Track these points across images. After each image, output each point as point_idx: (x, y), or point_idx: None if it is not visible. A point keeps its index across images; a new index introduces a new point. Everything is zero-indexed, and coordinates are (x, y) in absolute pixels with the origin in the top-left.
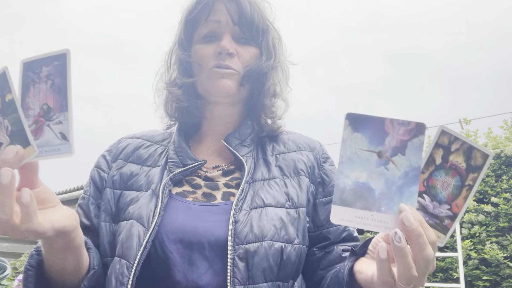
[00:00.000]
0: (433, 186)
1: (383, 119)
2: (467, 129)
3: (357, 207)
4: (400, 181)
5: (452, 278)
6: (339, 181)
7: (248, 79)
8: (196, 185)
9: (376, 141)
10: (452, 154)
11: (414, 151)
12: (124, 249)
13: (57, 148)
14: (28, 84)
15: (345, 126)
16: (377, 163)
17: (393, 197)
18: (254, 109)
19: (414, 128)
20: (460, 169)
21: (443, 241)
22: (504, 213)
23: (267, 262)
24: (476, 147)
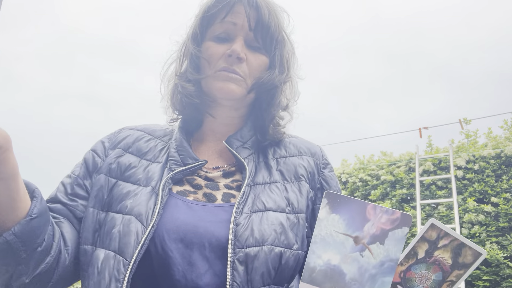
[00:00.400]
0: (410, 278)
1: (365, 204)
2: (467, 129)
3: (326, 287)
4: (374, 270)
5: None
6: (310, 259)
7: (258, 89)
8: (197, 185)
9: (354, 226)
10: (438, 249)
11: (395, 242)
12: (121, 245)
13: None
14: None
15: (323, 205)
16: (352, 248)
17: (365, 284)
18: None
19: (398, 218)
20: (444, 265)
21: None
22: (504, 213)
23: (266, 266)
24: (468, 244)
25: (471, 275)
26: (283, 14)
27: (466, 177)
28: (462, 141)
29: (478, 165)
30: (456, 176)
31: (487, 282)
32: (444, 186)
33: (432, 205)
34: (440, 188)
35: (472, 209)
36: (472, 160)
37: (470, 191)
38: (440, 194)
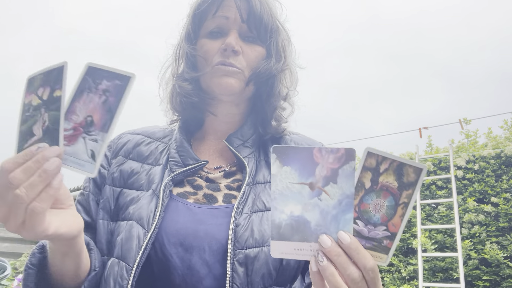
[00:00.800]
0: (365, 210)
1: (311, 149)
2: (467, 129)
3: (295, 240)
4: (334, 210)
5: (452, 278)
6: (274, 217)
7: (256, 80)
8: (198, 186)
9: (306, 173)
10: (381, 175)
11: (346, 179)
12: (124, 251)
13: (82, 163)
14: (83, 89)
15: (273, 161)
16: (310, 194)
17: (329, 227)
18: (261, 111)
19: (343, 154)
20: (392, 188)
21: (386, 261)
22: (504, 213)
23: (267, 267)
24: (407, 163)
25: (471, 275)
26: (275, 3)
27: (466, 177)
28: (462, 141)
29: (478, 165)
30: (456, 176)
31: (487, 282)
32: (444, 186)
33: (432, 205)
34: (440, 188)
35: (472, 209)
36: (472, 160)
37: (470, 191)
38: (440, 194)
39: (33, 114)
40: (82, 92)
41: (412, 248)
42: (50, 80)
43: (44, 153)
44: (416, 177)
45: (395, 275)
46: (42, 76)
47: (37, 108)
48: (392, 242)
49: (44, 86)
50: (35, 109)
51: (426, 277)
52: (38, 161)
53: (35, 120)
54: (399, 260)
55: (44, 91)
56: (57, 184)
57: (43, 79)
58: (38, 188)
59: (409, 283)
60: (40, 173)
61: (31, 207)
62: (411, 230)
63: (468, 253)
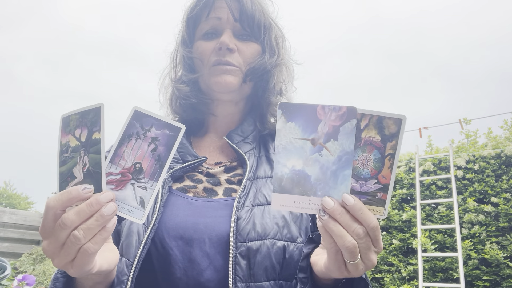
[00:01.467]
0: (354, 167)
1: (314, 106)
2: (467, 129)
3: (295, 193)
4: (334, 166)
5: (452, 278)
6: (277, 170)
7: (252, 76)
8: (197, 180)
9: (309, 129)
10: (363, 131)
11: (346, 136)
12: (125, 247)
13: (131, 209)
14: (131, 134)
15: (278, 116)
16: (311, 150)
17: (328, 182)
18: (258, 107)
19: (345, 112)
20: (376, 142)
21: (384, 212)
22: (504, 213)
23: (270, 260)
24: (385, 116)
25: (471, 275)
26: (266, 2)
27: (466, 177)
28: (462, 141)
29: (478, 165)
30: (456, 176)
31: (487, 282)
32: (444, 186)
33: (432, 205)
34: (440, 188)
35: (472, 209)
36: (472, 160)
37: (470, 191)
38: (440, 194)
39: (72, 156)
40: (130, 137)
41: (412, 248)
42: (87, 121)
43: (97, 197)
44: (397, 127)
45: (395, 275)
46: (78, 116)
47: (76, 149)
48: (386, 194)
49: (81, 127)
50: (73, 151)
51: (426, 277)
52: (92, 204)
53: (74, 162)
54: (399, 260)
55: (81, 132)
56: (111, 227)
57: (80, 119)
58: (94, 231)
59: (409, 283)
60: (97, 217)
61: (85, 248)
62: (411, 230)
63: (468, 253)
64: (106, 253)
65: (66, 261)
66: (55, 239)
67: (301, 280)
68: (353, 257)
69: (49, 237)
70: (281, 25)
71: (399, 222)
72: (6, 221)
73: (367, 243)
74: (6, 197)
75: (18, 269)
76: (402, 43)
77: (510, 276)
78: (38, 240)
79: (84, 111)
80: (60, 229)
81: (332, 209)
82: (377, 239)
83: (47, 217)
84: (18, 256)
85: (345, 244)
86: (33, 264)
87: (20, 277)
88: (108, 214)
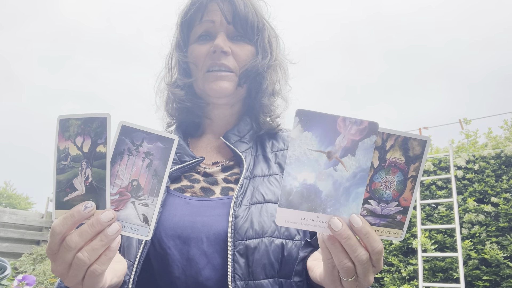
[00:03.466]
0: (377, 189)
1: (335, 117)
2: (467, 129)
3: (303, 209)
4: (348, 183)
5: (452, 278)
6: (286, 182)
7: (245, 79)
8: (195, 180)
9: (326, 141)
10: (388, 152)
11: (364, 152)
12: (125, 248)
13: (136, 228)
14: (123, 151)
15: (295, 124)
16: (326, 164)
17: (339, 199)
18: (253, 108)
19: (366, 127)
20: (400, 164)
21: (402, 235)
22: (504, 213)
23: (268, 258)
24: (411, 137)
25: (471, 275)
26: (259, 3)
27: (466, 177)
28: (462, 141)
29: (478, 165)
30: (456, 176)
31: (487, 282)
32: (444, 186)
33: (432, 205)
34: (440, 188)
35: (472, 209)
36: (472, 160)
37: (470, 191)
38: (440, 194)
39: (72, 166)
40: (122, 155)
41: (412, 248)
42: (90, 130)
43: (98, 218)
44: (421, 149)
45: (395, 275)
46: (80, 123)
47: (77, 159)
48: (405, 216)
49: (84, 136)
50: (74, 160)
51: (426, 277)
52: (94, 225)
53: (75, 172)
54: (399, 260)
55: (84, 141)
56: (116, 246)
57: (82, 127)
58: (99, 252)
59: (409, 283)
60: (101, 238)
61: (92, 269)
62: (411, 230)
63: (468, 253)
64: (114, 265)
65: (76, 282)
66: (61, 261)
67: (296, 284)
68: (348, 277)
69: (56, 260)
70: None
71: None
72: (6, 221)
73: (368, 267)
74: (6, 197)
75: (18, 269)
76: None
77: (510, 276)
78: (38, 240)
79: (87, 118)
80: (65, 251)
81: (339, 232)
82: (378, 261)
83: (54, 240)
84: (18, 256)
85: (341, 265)
86: (33, 264)
87: (20, 277)
88: (112, 234)
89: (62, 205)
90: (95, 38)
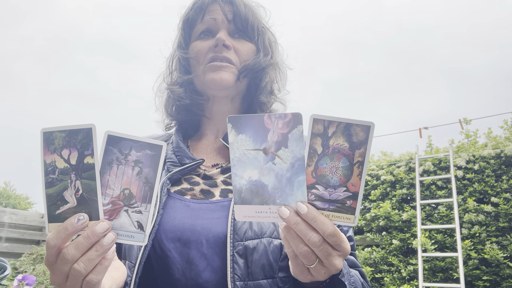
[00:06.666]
0: (322, 174)
1: (261, 116)
2: (467, 129)
3: (256, 203)
4: (288, 173)
5: (452, 278)
6: (235, 182)
7: (246, 73)
8: (195, 182)
9: (260, 139)
10: (331, 138)
11: (296, 142)
12: (127, 250)
13: (131, 235)
14: (111, 161)
15: (229, 130)
16: (265, 160)
17: (285, 189)
18: (252, 106)
19: (291, 119)
20: (344, 150)
21: (355, 220)
22: (504, 213)
23: (267, 258)
24: (353, 123)
25: (471, 275)
26: (259, 9)
27: (466, 177)
28: (462, 141)
29: (478, 165)
30: (456, 176)
31: (487, 282)
32: (444, 186)
33: (432, 205)
34: (440, 188)
35: (472, 209)
36: (472, 160)
37: (470, 191)
38: (440, 194)
39: (61, 179)
40: (111, 165)
41: (412, 248)
42: (75, 142)
43: (93, 229)
44: (365, 135)
45: (395, 275)
46: (65, 135)
47: (65, 172)
48: (355, 202)
49: (70, 148)
50: (62, 173)
51: (426, 277)
52: (89, 237)
53: (64, 185)
54: (399, 260)
55: (70, 154)
56: (111, 255)
57: (66, 139)
58: (95, 262)
59: (409, 283)
60: (97, 248)
61: (88, 279)
62: (411, 230)
63: (468, 253)
64: (112, 273)
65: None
66: (59, 272)
67: (281, 279)
68: (309, 262)
69: (54, 271)
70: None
71: (399, 222)
72: (6, 221)
73: (326, 250)
74: (6, 197)
75: (18, 269)
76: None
77: (510, 276)
78: (38, 240)
79: (71, 130)
80: (62, 263)
81: (287, 219)
82: (337, 244)
83: (50, 253)
84: (18, 256)
85: (298, 251)
86: (33, 264)
87: (20, 277)
88: (107, 244)
89: (55, 219)
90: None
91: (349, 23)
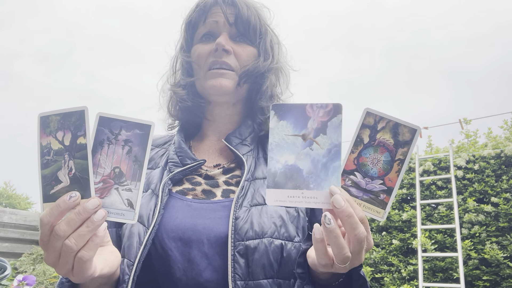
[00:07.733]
0: (363, 163)
1: (303, 105)
2: (467, 129)
3: (289, 187)
4: (324, 159)
5: (452, 278)
6: (271, 166)
7: (246, 79)
8: (196, 182)
9: (300, 126)
10: (379, 132)
11: (334, 130)
12: (126, 248)
13: (121, 212)
14: (102, 141)
15: (271, 116)
16: (302, 145)
17: (320, 174)
18: (253, 110)
19: (332, 109)
20: (389, 145)
21: (384, 215)
22: (504, 213)
23: (267, 258)
24: (402, 123)
25: (471, 275)
26: (263, 9)
27: (466, 177)
28: (462, 141)
29: (478, 165)
30: (456, 176)
31: (487, 282)
32: (444, 186)
33: (432, 205)
34: (440, 188)
35: (472, 209)
36: (472, 160)
37: (470, 191)
38: (440, 194)
39: (56, 159)
40: (102, 144)
41: (412, 248)
42: (69, 124)
43: (84, 205)
44: (410, 136)
45: (395, 275)
46: (59, 118)
47: (59, 153)
48: (389, 197)
49: (64, 130)
50: (56, 154)
51: (426, 277)
52: (80, 213)
53: (58, 166)
54: (399, 260)
55: (64, 135)
56: (102, 232)
57: (61, 121)
58: (86, 238)
59: (409, 283)
60: (88, 224)
61: (79, 256)
62: (411, 230)
63: (468, 253)
64: (106, 256)
65: (66, 270)
66: (52, 250)
67: (299, 275)
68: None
69: (48, 249)
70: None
71: (399, 222)
72: (6, 221)
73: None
74: (6, 197)
75: (18, 269)
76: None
77: (510, 276)
78: (38, 240)
79: (66, 113)
80: (54, 240)
81: (342, 209)
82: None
83: (43, 231)
84: (18, 256)
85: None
86: (33, 264)
87: (20, 277)
88: (98, 220)
89: (49, 198)
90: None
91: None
